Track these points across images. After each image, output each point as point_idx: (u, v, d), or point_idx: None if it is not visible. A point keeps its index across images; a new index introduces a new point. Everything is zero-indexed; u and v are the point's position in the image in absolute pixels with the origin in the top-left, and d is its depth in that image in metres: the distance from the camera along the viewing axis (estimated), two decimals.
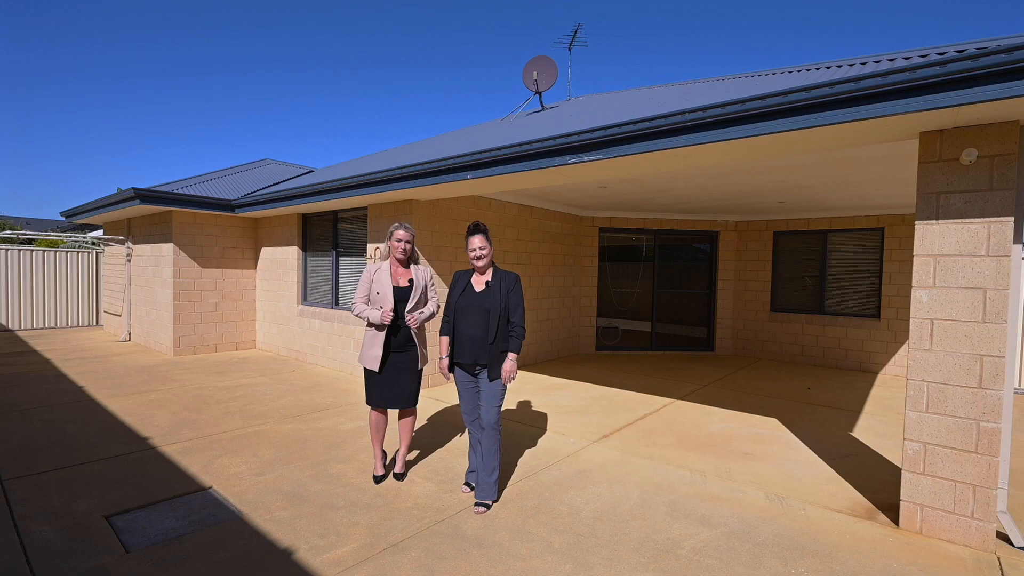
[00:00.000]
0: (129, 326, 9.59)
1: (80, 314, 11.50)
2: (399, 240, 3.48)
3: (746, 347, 9.21)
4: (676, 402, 5.80)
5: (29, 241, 19.70)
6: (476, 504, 3.14)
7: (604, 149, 3.61)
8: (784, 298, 8.93)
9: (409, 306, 3.44)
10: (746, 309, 9.22)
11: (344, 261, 7.25)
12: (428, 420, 4.94)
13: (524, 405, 5.55)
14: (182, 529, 2.89)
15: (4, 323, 10.59)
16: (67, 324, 11.29)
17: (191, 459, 3.84)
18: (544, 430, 4.71)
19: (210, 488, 3.39)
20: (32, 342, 9.11)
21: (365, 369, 3.46)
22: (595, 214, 8.96)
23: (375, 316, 3.35)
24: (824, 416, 5.38)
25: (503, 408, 4.09)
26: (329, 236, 7.46)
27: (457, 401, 5.63)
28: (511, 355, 3.20)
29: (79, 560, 2.54)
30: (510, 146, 4.09)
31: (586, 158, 3.73)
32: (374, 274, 3.47)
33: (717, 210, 8.40)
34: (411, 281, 3.51)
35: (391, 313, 3.34)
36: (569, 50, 11.15)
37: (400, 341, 3.45)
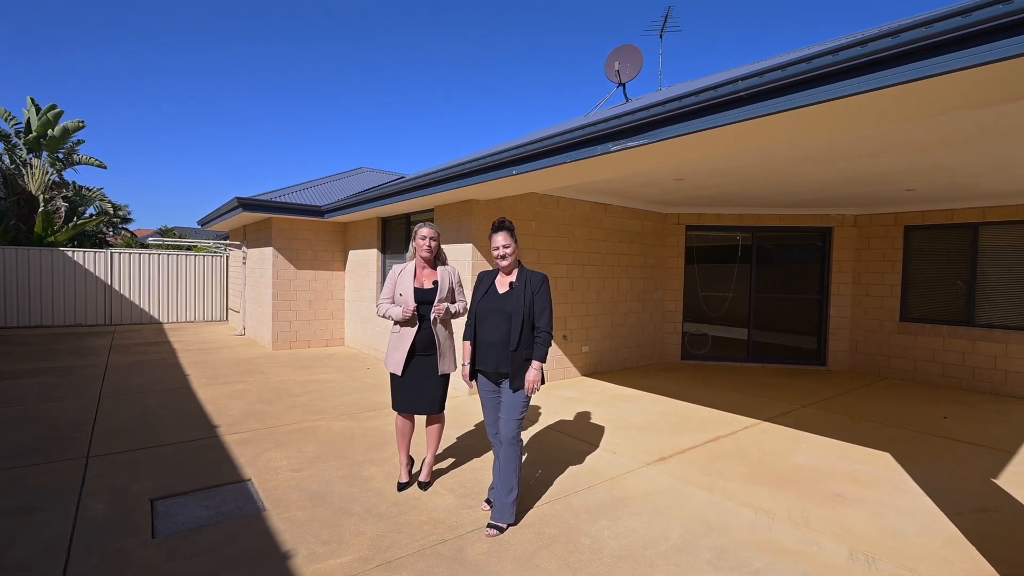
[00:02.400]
0: (244, 321, 10.72)
1: (213, 310, 13.15)
2: (423, 238, 3.34)
3: (868, 363, 7.83)
4: (761, 424, 5.02)
5: (191, 248, 23.14)
6: (488, 525, 2.87)
7: (647, 132, 3.15)
8: (918, 305, 7.44)
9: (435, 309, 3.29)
10: (868, 318, 7.84)
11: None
12: (475, 426, 4.76)
13: (582, 417, 5.15)
14: (208, 519, 2.99)
15: (155, 316, 12.44)
16: (202, 319, 12.97)
17: (243, 450, 4.04)
18: (595, 446, 4.30)
19: (248, 480, 3.51)
20: (170, 334, 10.55)
21: (391, 373, 3.36)
22: (680, 211, 8.20)
23: (396, 312, 3.24)
24: (960, 455, 4.30)
25: (523, 419, 3.76)
26: (403, 239, 7.64)
27: None
28: (535, 363, 2.90)
29: (110, 540, 2.71)
30: (549, 137, 3.78)
31: (629, 144, 3.29)
32: (399, 275, 3.37)
33: (828, 203, 7.24)
34: (436, 283, 3.36)
35: (412, 308, 3.21)
36: (660, 37, 10.42)
37: (424, 344, 3.30)
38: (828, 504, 3.31)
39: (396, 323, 3.32)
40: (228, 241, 11.86)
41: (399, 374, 3.28)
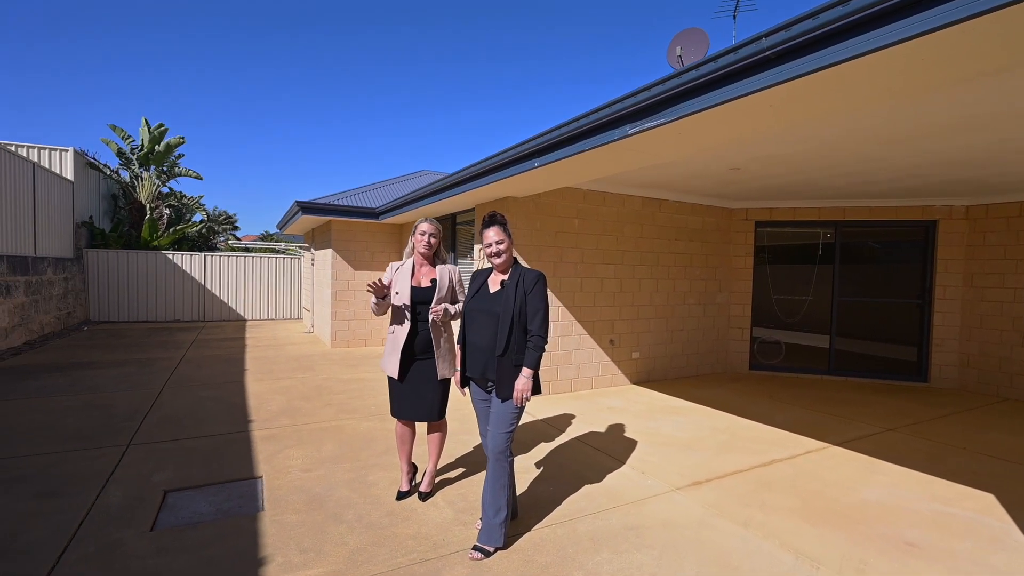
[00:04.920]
0: (312, 320, 11.27)
1: (289, 308, 14.02)
2: (423, 233, 3.18)
3: (982, 380, 6.60)
4: (829, 448, 4.32)
5: (285, 250, 25.03)
6: (474, 548, 2.62)
7: (664, 110, 2.75)
8: None
9: (432, 309, 3.12)
10: (983, 327, 6.61)
11: (460, 263, 7.29)
12: None
13: (617, 429, 4.74)
14: (207, 516, 3.01)
15: (240, 314, 13.48)
16: (279, 316, 13.86)
17: (265, 446, 4.10)
18: (622, 463, 3.90)
19: (258, 478, 3.53)
20: (248, 330, 11.34)
21: (388, 377, 3.22)
22: (748, 205, 7.42)
23: (372, 300, 3.13)
24: None
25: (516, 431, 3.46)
26: (448, 239, 7.59)
27: (550, 415, 5.09)
28: (526, 371, 2.62)
29: (112, 529, 2.79)
30: (567, 123, 3.46)
31: (646, 125, 2.91)
32: (396, 271, 3.22)
33: (928, 191, 6.19)
34: (433, 281, 3.18)
35: (383, 291, 3.08)
36: (733, 18, 9.55)
37: (422, 347, 3.13)
38: (896, 555, 2.70)
39: (391, 323, 3.17)
40: (302, 244, 12.58)
41: (396, 378, 3.13)
